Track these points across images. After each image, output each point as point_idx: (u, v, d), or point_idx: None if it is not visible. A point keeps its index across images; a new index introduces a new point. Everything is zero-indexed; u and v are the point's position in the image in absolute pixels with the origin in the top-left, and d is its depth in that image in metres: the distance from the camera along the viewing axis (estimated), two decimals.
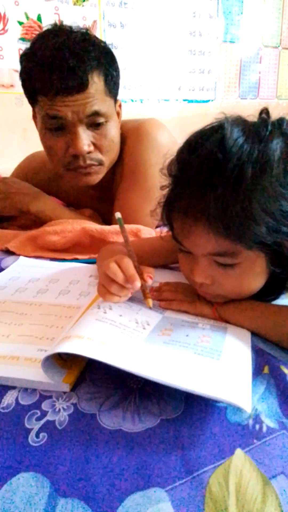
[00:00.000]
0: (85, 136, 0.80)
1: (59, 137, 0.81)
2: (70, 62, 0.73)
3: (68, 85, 0.74)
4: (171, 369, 0.39)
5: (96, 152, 0.84)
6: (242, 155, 0.41)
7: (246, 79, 2.62)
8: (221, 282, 0.48)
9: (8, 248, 0.84)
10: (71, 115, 0.77)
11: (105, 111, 0.81)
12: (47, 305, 0.58)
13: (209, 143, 0.43)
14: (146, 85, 2.22)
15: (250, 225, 0.41)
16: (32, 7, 1.82)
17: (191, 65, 2.37)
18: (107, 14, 2.02)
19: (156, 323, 0.49)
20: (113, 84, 0.83)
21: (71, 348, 0.38)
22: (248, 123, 0.45)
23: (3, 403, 0.40)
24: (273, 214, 0.41)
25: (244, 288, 0.49)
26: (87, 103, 0.77)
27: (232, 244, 0.43)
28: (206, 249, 0.45)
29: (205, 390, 0.36)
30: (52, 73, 0.73)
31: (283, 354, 0.47)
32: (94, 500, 0.30)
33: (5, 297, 0.62)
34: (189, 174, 0.44)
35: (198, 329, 0.49)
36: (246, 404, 0.35)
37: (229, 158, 0.41)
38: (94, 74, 0.77)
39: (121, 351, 0.41)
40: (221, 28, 2.42)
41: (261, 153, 0.41)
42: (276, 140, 0.42)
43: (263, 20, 2.59)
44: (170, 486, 0.31)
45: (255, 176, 0.40)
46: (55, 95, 0.75)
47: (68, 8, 1.90)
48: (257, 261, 0.46)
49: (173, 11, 2.21)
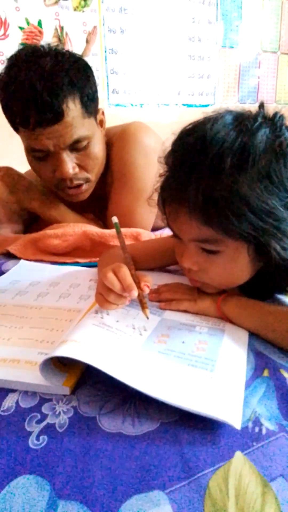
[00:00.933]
0: (69, 160, 0.82)
1: (45, 163, 0.83)
2: (44, 96, 0.74)
3: (44, 118, 0.75)
4: (164, 383, 0.39)
5: (82, 172, 0.86)
6: (223, 145, 0.41)
7: (245, 84, 2.64)
8: (206, 269, 0.49)
9: (9, 251, 0.84)
10: (53, 146, 0.79)
11: (85, 134, 0.82)
12: (47, 309, 0.59)
13: (196, 131, 0.44)
14: (145, 90, 2.23)
15: (228, 216, 0.41)
16: (33, 13, 1.83)
17: (190, 70, 2.38)
18: (107, 19, 2.04)
19: (153, 327, 0.50)
20: (91, 102, 0.83)
21: (67, 353, 0.39)
22: (244, 114, 0.45)
23: (4, 406, 0.40)
24: (254, 209, 0.41)
25: (227, 277, 0.50)
26: (66, 133, 0.78)
27: (214, 232, 0.44)
28: (190, 234, 0.47)
29: (195, 408, 0.36)
30: (27, 108, 0.75)
31: (283, 357, 0.47)
32: (94, 502, 0.31)
33: (5, 301, 0.62)
34: (177, 161, 0.46)
35: (195, 334, 0.49)
36: (236, 421, 0.36)
37: (210, 147, 0.41)
38: (69, 101, 0.77)
39: (117, 359, 0.41)
40: (220, 33, 2.44)
41: (244, 144, 0.41)
42: (264, 131, 0.42)
43: (262, 25, 2.61)
44: (170, 488, 0.31)
45: (235, 166, 0.40)
46: (34, 128, 0.76)
47: (68, 13, 1.92)
48: (240, 251, 0.46)
49: (173, 16, 2.23)
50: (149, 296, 0.56)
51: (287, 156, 0.42)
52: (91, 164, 0.86)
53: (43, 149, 0.79)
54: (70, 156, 0.82)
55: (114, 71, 2.26)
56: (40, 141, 0.78)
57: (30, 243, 0.85)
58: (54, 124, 0.76)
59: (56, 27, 1.88)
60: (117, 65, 2.23)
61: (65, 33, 1.91)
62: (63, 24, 1.89)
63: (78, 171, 0.85)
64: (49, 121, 0.76)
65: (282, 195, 0.42)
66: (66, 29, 1.90)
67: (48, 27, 1.85)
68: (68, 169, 0.82)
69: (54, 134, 0.77)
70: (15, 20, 1.77)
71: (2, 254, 0.85)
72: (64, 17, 1.89)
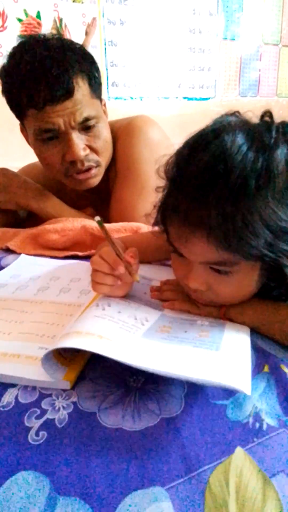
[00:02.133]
0: (79, 141, 0.81)
1: (54, 147, 0.82)
2: (54, 71, 0.73)
3: (55, 94, 0.74)
4: (169, 360, 0.39)
5: (92, 154, 0.85)
6: (246, 166, 0.39)
7: (246, 77, 2.62)
8: (216, 289, 0.47)
9: (8, 247, 0.83)
10: (63, 124, 0.78)
11: (94, 113, 0.82)
12: (48, 303, 0.58)
13: (211, 149, 0.41)
14: (145, 83, 2.22)
15: (249, 238, 0.39)
16: (31, 4, 1.81)
17: (191, 62, 2.36)
18: (106, 11, 2.01)
19: (155, 319, 0.50)
20: (97, 85, 0.84)
21: (69, 343, 0.39)
22: (252, 128, 0.43)
23: (3, 402, 0.40)
24: (273, 229, 0.40)
25: (237, 295, 0.49)
26: (76, 111, 0.78)
27: (230, 254, 0.42)
28: (204, 258, 0.44)
29: (204, 376, 0.36)
30: (37, 85, 0.74)
31: (284, 352, 0.46)
32: (94, 498, 0.30)
33: (6, 295, 0.62)
34: (189, 181, 0.42)
35: (196, 326, 0.49)
36: (246, 387, 0.35)
37: (231, 168, 0.39)
38: (78, 78, 0.77)
39: (120, 345, 0.41)
40: (221, 25, 2.42)
41: (266, 164, 0.39)
42: (281, 149, 0.40)
43: (263, 17, 2.59)
44: (170, 484, 0.31)
45: (259, 188, 0.39)
46: (44, 105, 0.75)
47: (67, 5, 1.90)
48: (252, 271, 0.46)
49: (173, 8, 2.20)
50: (151, 294, 0.56)
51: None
52: (100, 146, 0.85)
53: (53, 128, 0.78)
54: (80, 137, 0.81)
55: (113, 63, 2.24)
56: (51, 119, 0.77)
57: (29, 239, 0.84)
58: (65, 101, 0.76)
59: (55, 19, 1.87)
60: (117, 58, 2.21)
61: (64, 25, 1.89)
62: (62, 16, 1.87)
63: (89, 152, 0.84)
64: (59, 97, 0.75)
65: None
66: (65, 21, 1.88)
67: (47, 18, 1.83)
68: (79, 150, 0.80)
69: (65, 111, 0.77)
70: (13, 11, 1.75)
71: (1, 249, 0.85)
72: (63, 8, 1.86)
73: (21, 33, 1.80)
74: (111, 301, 0.51)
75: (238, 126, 0.42)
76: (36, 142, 0.83)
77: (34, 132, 0.81)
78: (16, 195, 0.93)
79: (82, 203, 1.02)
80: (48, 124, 0.78)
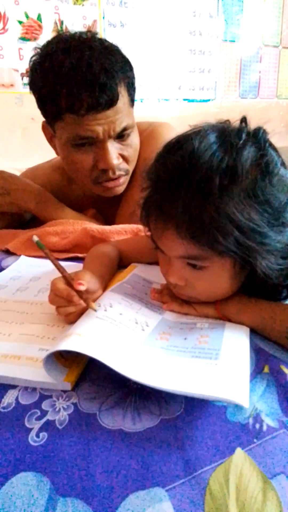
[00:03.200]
0: (114, 149, 0.80)
1: (86, 153, 0.80)
2: (101, 78, 0.71)
3: (100, 102, 0.72)
4: (167, 374, 0.39)
5: (123, 163, 0.84)
6: (212, 164, 0.41)
7: (246, 79, 2.62)
8: (193, 283, 0.49)
9: (8, 249, 0.84)
10: (102, 133, 0.76)
11: (131, 123, 0.81)
12: (48, 304, 0.58)
13: (182, 149, 0.43)
14: (146, 85, 2.22)
15: (216, 235, 0.41)
16: (32, 7, 1.81)
17: (191, 64, 2.37)
18: (107, 13, 2.02)
19: (155, 324, 0.50)
20: (133, 91, 0.82)
21: (70, 346, 0.39)
22: (223, 131, 0.45)
23: (3, 403, 0.40)
24: (240, 227, 0.41)
25: (214, 291, 0.50)
26: (116, 120, 0.76)
27: (201, 249, 0.43)
28: (177, 251, 0.46)
29: (201, 391, 0.36)
30: (83, 90, 0.71)
31: (284, 353, 0.47)
32: (94, 499, 0.30)
33: (6, 296, 0.62)
34: (162, 178, 0.45)
35: (196, 330, 0.49)
36: (244, 400, 0.35)
37: (198, 166, 0.41)
38: (121, 87, 0.76)
39: (120, 353, 0.41)
40: (221, 27, 2.42)
41: (232, 163, 0.41)
42: (249, 150, 0.42)
43: (263, 19, 2.59)
44: (170, 485, 0.31)
45: (223, 186, 0.41)
46: (86, 112, 0.73)
47: (68, 7, 1.90)
48: (226, 266, 0.46)
49: (173, 10, 2.21)
50: (151, 295, 0.57)
51: (271, 174, 0.42)
52: (131, 155, 0.85)
53: (91, 136, 0.76)
54: (115, 145, 0.80)
55: None
56: (90, 127, 0.74)
57: (29, 241, 0.84)
58: (108, 109, 0.74)
59: (55, 21, 1.87)
60: None
61: (64, 27, 1.90)
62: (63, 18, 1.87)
63: (121, 162, 0.83)
64: (104, 105, 0.73)
65: (268, 212, 0.42)
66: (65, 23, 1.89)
67: (48, 21, 1.84)
68: (113, 159, 0.79)
69: (106, 119, 0.75)
70: (14, 14, 1.76)
71: (1, 250, 0.85)
72: (64, 11, 1.87)
73: (22, 35, 1.81)
74: (113, 301, 0.51)
75: (211, 129, 0.45)
76: (67, 146, 0.81)
77: (67, 137, 0.79)
78: (16, 198, 0.93)
79: (86, 205, 1.02)
80: (87, 132, 0.75)
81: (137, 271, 0.65)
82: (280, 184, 0.43)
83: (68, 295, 0.49)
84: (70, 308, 0.50)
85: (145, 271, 0.66)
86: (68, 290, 0.49)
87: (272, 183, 0.42)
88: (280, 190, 0.43)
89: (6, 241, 0.87)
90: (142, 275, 0.64)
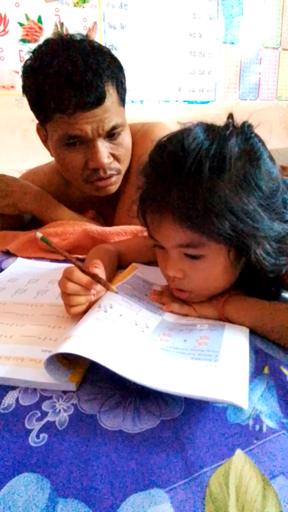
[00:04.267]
0: (104, 148, 0.80)
1: (77, 152, 0.81)
2: (87, 77, 0.71)
3: (86, 101, 0.73)
4: (167, 376, 0.39)
5: (114, 162, 0.84)
6: (200, 152, 0.43)
7: (246, 80, 2.63)
8: (191, 275, 0.50)
9: (8, 250, 0.84)
10: (91, 131, 0.77)
11: (121, 121, 0.81)
12: (48, 306, 0.59)
13: (173, 141, 0.46)
14: (146, 86, 2.22)
15: (211, 218, 0.43)
16: (33, 9, 1.82)
17: (191, 66, 2.37)
18: (107, 15, 2.02)
19: (155, 326, 0.50)
20: (124, 92, 0.83)
21: (70, 349, 0.39)
22: (213, 125, 0.48)
23: (4, 404, 0.40)
24: (233, 210, 0.43)
25: (210, 282, 0.51)
26: (105, 118, 0.77)
27: (197, 235, 0.45)
28: (174, 240, 0.48)
29: (201, 393, 0.36)
30: (69, 89, 0.72)
31: (283, 354, 0.47)
32: (94, 500, 0.31)
33: (5, 299, 0.62)
34: (156, 170, 0.47)
35: (196, 331, 0.49)
36: (243, 401, 0.35)
37: (188, 155, 0.43)
38: (109, 86, 0.76)
39: (120, 355, 0.41)
40: (221, 29, 2.43)
41: (219, 150, 0.43)
42: (235, 139, 0.45)
43: (263, 21, 2.59)
44: (170, 486, 0.31)
45: (213, 171, 0.43)
46: (74, 111, 0.74)
47: (68, 9, 1.91)
48: (221, 254, 0.48)
49: (173, 12, 2.21)
50: (151, 297, 0.57)
51: (259, 160, 0.45)
52: (122, 154, 0.85)
53: (81, 135, 0.77)
54: (105, 144, 0.81)
55: None
56: (79, 126, 0.75)
57: (30, 242, 0.84)
58: (96, 107, 0.74)
59: (56, 23, 1.87)
60: None
61: (65, 29, 1.90)
62: (63, 20, 1.87)
63: (112, 161, 0.83)
64: (91, 104, 0.73)
65: (259, 197, 0.44)
66: (66, 25, 1.89)
67: (48, 23, 1.84)
68: (104, 158, 0.80)
69: (94, 118, 0.75)
70: (14, 16, 1.76)
71: (1, 252, 0.85)
72: (64, 13, 1.87)
73: (22, 37, 1.81)
74: (113, 302, 0.51)
75: (198, 125, 0.48)
76: (58, 146, 0.82)
77: (58, 136, 0.79)
78: (15, 200, 0.93)
79: (86, 206, 1.02)
80: (76, 130, 0.76)
81: (137, 272, 0.65)
82: (268, 172, 0.46)
83: (88, 283, 0.50)
84: (82, 299, 0.50)
85: (145, 272, 0.66)
86: (88, 278, 0.50)
87: (261, 170, 0.45)
88: (268, 177, 0.46)
89: (6, 242, 0.87)
90: (142, 276, 0.64)
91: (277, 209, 0.46)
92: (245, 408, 0.35)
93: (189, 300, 0.54)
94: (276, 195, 0.46)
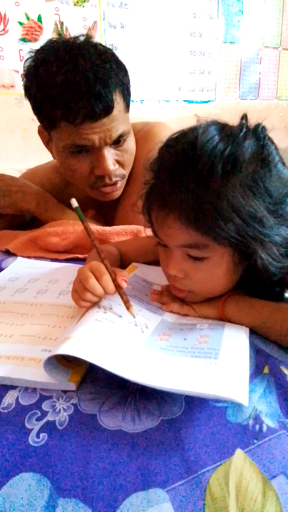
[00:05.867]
0: (110, 156, 0.80)
1: (83, 160, 0.80)
2: (96, 88, 0.71)
3: (95, 111, 0.72)
4: (166, 374, 0.39)
5: (119, 168, 0.85)
6: (214, 152, 0.43)
7: (246, 80, 2.63)
8: (192, 276, 0.50)
9: (8, 249, 0.84)
10: (98, 141, 0.76)
11: (127, 129, 0.81)
12: (48, 305, 0.59)
13: (185, 139, 0.45)
14: (146, 86, 2.22)
15: (218, 221, 0.42)
16: (33, 8, 1.82)
17: (191, 65, 2.37)
18: (107, 15, 2.02)
19: (155, 326, 0.50)
20: (129, 95, 0.82)
21: (68, 350, 0.39)
22: (228, 125, 0.47)
23: (4, 403, 0.40)
24: (241, 214, 0.42)
25: (212, 284, 0.51)
26: (112, 128, 0.76)
27: (202, 236, 0.45)
28: (179, 240, 0.47)
29: (200, 390, 0.36)
30: (77, 100, 0.71)
31: (283, 354, 0.47)
32: (94, 500, 0.31)
33: (5, 298, 0.62)
34: (165, 167, 0.46)
35: (196, 330, 0.49)
36: (243, 398, 0.35)
37: (201, 154, 0.43)
38: (116, 94, 0.76)
39: (119, 356, 0.41)
40: (221, 28, 2.43)
41: (233, 152, 0.43)
42: (249, 141, 0.44)
43: (263, 20, 2.59)
44: (170, 486, 0.31)
45: (225, 173, 0.42)
46: (82, 122, 0.73)
47: (68, 8, 1.90)
48: (225, 258, 0.47)
49: (173, 12, 2.21)
50: (151, 296, 0.57)
51: (270, 165, 0.45)
52: (127, 160, 0.85)
53: (88, 145, 0.76)
54: (111, 152, 0.81)
55: None
56: (86, 135, 0.75)
57: (30, 241, 0.84)
58: (104, 118, 0.74)
59: (56, 22, 1.87)
60: None
61: (65, 28, 1.90)
62: (63, 19, 1.87)
63: (118, 167, 0.83)
64: (99, 114, 0.73)
65: (267, 201, 0.44)
66: (66, 24, 1.89)
67: (48, 22, 1.84)
68: (109, 165, 0.80)
69: (102, 128, 0.75)
70: (14, 15, 1.76)
71: (1, 251, 0.85)
72: (64, 12, 1.87)
73: (22, 36, 1.81)
74: (113, 303, 0.51)
75: (212, 123, 0.47)
76: (63, 153, 0.81)
77: (64, 145, 0.79)
78: (16, 199, 0.92)
79: (86, 206, 1.02)
80: (83, 140, 0.76)
81: (137, 272, 0.65)
82: (279, 176, 0.45)
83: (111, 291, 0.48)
84: (95, 299, 0.49)
85: (145, 272, 0.66)
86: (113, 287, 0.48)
87: (272, 174, 0.44)
88: (279, 182, 0.45)
89: (6, 242, 0.87)
90: (143, 276, 0.64)
91: (285, 214, 0.45)
92: (246, 405, 0.35)
93: (187, 299, 0.54)
94: (285, 201, 0.45)
